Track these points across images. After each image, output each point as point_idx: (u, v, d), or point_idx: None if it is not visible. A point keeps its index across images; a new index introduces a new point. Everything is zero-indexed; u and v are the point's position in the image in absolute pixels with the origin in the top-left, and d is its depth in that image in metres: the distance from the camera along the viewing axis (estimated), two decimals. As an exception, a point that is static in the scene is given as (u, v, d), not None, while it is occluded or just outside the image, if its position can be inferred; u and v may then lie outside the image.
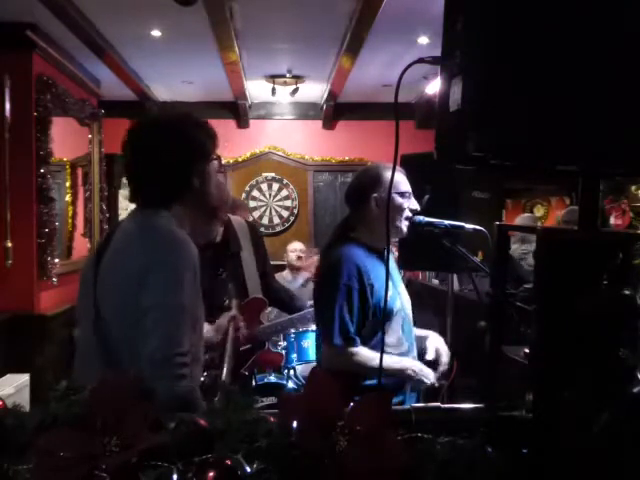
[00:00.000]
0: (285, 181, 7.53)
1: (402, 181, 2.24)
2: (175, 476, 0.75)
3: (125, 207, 6.29)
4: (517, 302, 1.12)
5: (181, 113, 1.60)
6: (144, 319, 1.37)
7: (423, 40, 4.83)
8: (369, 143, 7.28)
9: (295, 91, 6.36)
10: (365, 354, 2.10)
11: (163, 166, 1.51)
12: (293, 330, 3.54)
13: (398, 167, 2.25)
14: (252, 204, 7.41)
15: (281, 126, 7.61)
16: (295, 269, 5.32)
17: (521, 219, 6.54)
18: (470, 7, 0.99)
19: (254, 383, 3.97)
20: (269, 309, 3.37)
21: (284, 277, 5.31)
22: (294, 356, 4.27)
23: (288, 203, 7.54)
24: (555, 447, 0.93)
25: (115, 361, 1.42)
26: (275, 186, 7.52)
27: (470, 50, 0.97)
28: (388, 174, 2.14)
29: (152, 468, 0.76)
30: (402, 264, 3.63)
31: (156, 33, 4.78)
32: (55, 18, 4.18)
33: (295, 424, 0.80)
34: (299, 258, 5.33)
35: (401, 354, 2.19)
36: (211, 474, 0.74)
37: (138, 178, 1.55)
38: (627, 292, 0.96)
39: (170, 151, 1.51)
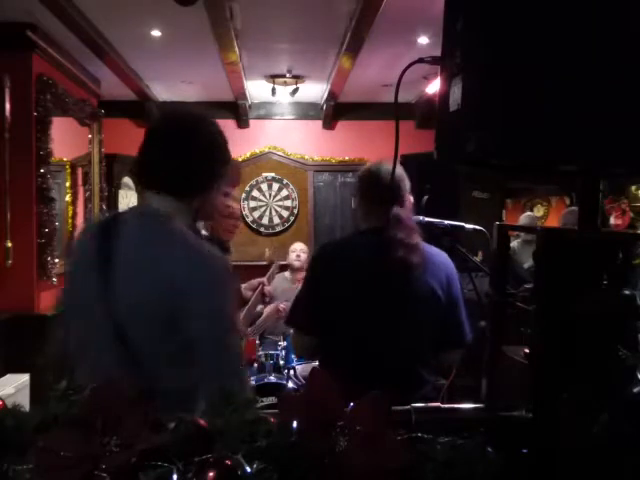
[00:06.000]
0: (285, 181, 7.52)
1: None
2: (175, 476, 0.75)
3: (125, 207, 6.30)
4: (517, 302, 1.12)
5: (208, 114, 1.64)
6: (194, 347, 1.37)
7: (423, 40, 4.83)
8: (369, 143, 7.27)
9: (295, 91, 6.36)
10: None
11: (202, 159, 1.54)
12: None
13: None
14: (252, 204, 7.41)
15: (281, 126, 7.60)
16: (294, 270, 5.33)
17: (524, 218, 6.52)
18: (470, 7, 0.99)
19: (253, 383, 3.99)
20: None
21: (285, 277, 5.32)
22: (294, 356, 4.28)
23: (288, 203, 7.53)
24: (555, 447, 0.93)
25: (131, 358, 1.40)
26: (275, 186, 7.51)
27: (470, 50, 0.97)
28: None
29: (152, 468, 0.76)
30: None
31: (156, 33, 4.78)
32: (55, 18, 4.17)
33: (295, 424, 0.80)
34: (298, 257, 5.34)
35: None
36: (211, 474, 0.74)
37: (173, 164, 1.52)
38: (627, 292, 0.96)
39: (213, 146, 1.56)
